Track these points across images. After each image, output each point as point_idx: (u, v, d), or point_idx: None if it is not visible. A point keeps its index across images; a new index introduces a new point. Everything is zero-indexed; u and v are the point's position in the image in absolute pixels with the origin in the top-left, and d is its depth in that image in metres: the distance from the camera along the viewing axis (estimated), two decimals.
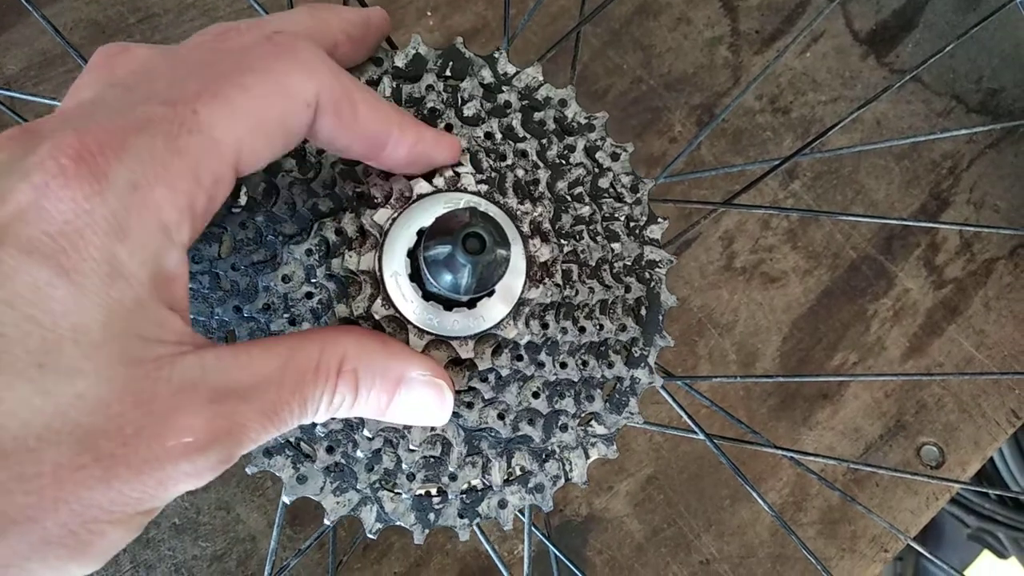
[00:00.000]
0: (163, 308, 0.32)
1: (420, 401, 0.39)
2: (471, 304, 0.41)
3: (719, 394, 0.77)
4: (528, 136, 0.47)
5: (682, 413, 0.52)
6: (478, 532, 0.47)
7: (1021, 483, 1.10)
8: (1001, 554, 1.23)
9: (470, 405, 0.43)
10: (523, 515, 0.47)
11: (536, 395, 0.44)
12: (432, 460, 0.44)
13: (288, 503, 0.43)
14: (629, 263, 0.48)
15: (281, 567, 0.49)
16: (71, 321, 0.28)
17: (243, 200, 0.43)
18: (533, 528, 0.50)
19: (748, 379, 0.78)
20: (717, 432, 0.57)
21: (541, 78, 0.49)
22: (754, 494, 0.52)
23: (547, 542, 0.52)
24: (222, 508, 0.69)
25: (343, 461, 0.43)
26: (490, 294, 0.41)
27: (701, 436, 0.52)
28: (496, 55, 0.48)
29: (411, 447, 0.43)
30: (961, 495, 1.17)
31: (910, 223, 0.82)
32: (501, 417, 0.44)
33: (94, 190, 0.29)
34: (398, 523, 0.44)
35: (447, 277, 0.36)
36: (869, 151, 0.85)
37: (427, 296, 0.40)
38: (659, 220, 0.49)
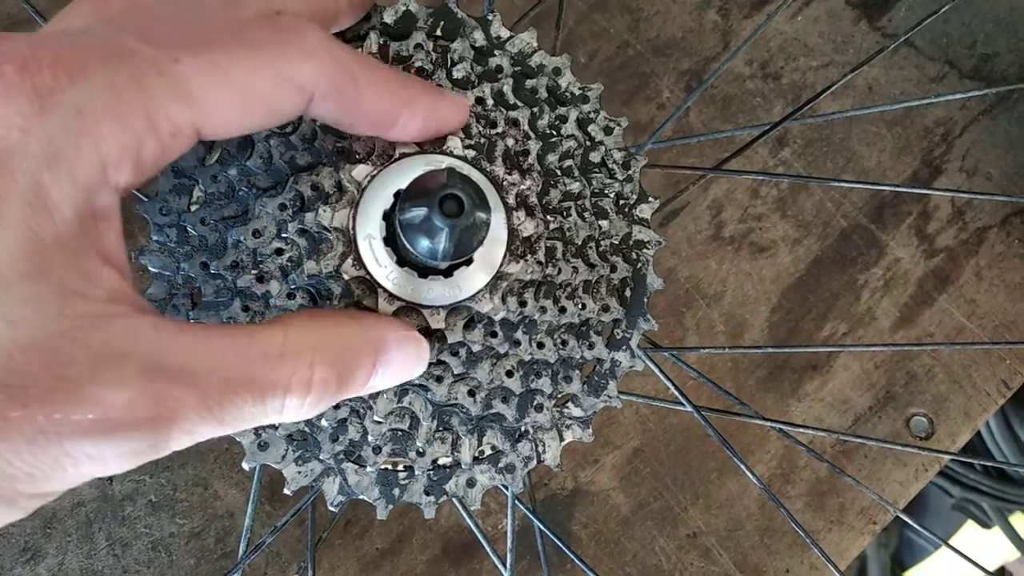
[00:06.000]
0: (92, 257, 0.28)
1: (400, 366, 0.37)
2: (448, 272, 0.39)
3: (707, 365, 0.76)
4: (520, 104, 0.45)
5: (669, 385, 0.51)
6: (460, 507, 0.46)
7: (1007, 454, 1.10)
8: (985, 524, 1.23)
9: (439, 379, 0.42)
10: (507, 490, 0.46)
11: (509, 374, 0.42)
12: (400, 434, 0.42)
13: (247, 469, 0.42)
14: (616, 242, 0.46)
15: (257, 544, 0.48)
16: None
17: (215, 155, 0.41)
18: (517, 502, 0.48)
19: (736, 350, 0.77)
20: (704, 404, 0.56)
21: (535, 44, 0.47)
22: (742, 466, 0.51)
23: (532, 516, 0.51)
24: (199, 485, 0.67)
25: (307, 429, 0.42)
26: (468, 263, 0.39)
27: (688, 408, 0.51)
28: (490, 17, 0.47)
29: (376, 419, 0.42)
30: (947, 465, 1.17)
31: (902, 189, 0.81)
32: (472, 394, 0.42)
33: (34, 107, 0.26)
34: (361, 497, 0.43)
35: (423, 242, 0.35)
36: (861, 118, 0.83)
37: (401, 262, 0.38)
38: (650, 199, 0.48)
